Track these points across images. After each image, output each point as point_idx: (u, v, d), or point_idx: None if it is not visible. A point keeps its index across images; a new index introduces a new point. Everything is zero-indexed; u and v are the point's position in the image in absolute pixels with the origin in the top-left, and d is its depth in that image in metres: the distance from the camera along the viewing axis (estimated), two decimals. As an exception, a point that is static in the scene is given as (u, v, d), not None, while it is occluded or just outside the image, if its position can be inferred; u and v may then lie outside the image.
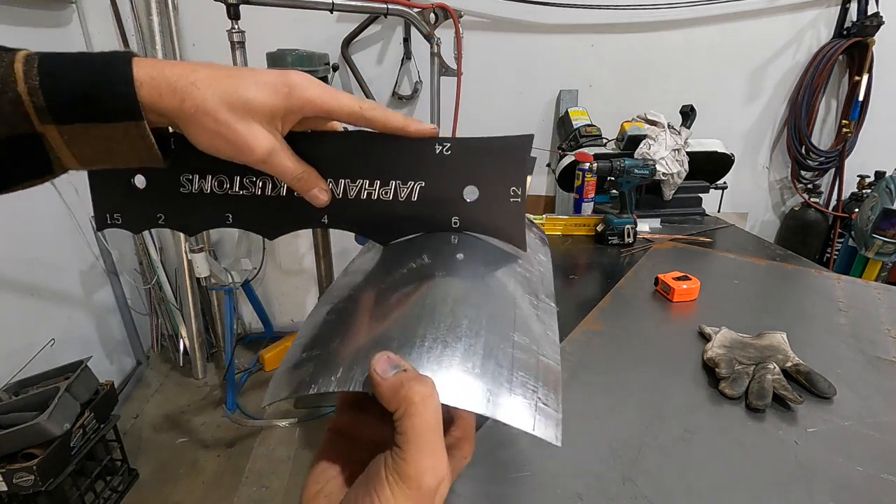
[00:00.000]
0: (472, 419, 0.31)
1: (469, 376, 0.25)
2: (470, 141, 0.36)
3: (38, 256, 1.74)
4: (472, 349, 0.27)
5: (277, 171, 0.34)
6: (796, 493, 0.53)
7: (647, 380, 0.73)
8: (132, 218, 0.40)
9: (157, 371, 2.29)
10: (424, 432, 0.22)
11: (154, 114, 0.30)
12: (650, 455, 0.58)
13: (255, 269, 2.07)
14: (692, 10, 2.02)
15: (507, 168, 0.36)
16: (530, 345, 0.30)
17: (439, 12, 1.66)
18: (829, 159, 2.23)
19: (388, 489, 0.22)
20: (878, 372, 0.74)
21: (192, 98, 0.29)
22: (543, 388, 0.28)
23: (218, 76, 0.30)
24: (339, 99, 0.33)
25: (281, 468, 1.73)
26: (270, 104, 0.31)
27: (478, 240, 0.38)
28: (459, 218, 0.38)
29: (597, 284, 1.08)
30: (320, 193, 0.36)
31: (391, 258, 0.38)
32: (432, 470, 0.22)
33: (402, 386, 0.23)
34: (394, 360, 0.24)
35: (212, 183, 0.38)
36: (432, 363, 0.26)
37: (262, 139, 0.32)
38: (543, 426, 0.26)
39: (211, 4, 1.40)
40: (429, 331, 0.27)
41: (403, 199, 0.37)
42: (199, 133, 0.31)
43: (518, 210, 0.37)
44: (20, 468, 1.26)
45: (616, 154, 1.51)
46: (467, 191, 0.37)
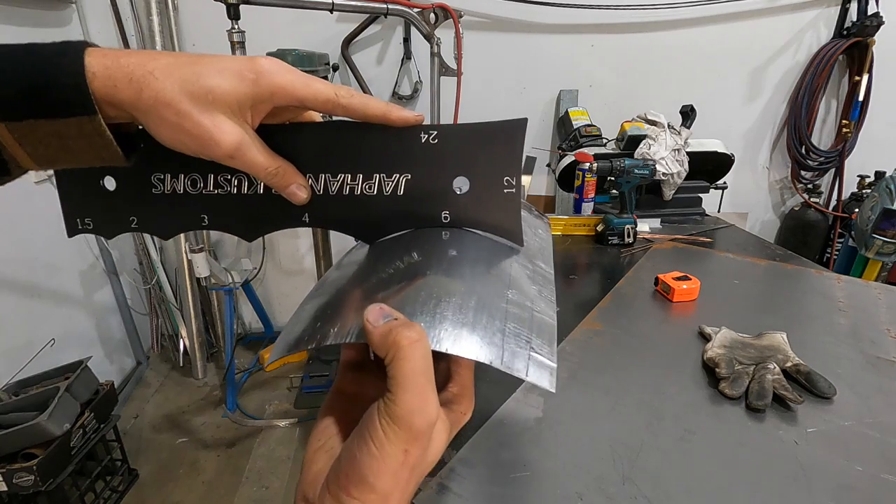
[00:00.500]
0: (470, 376, 0.31)
1: (461, 326, 0.26)
2: (458, 128, 0.33)
3: (38, 256, 1.74)
4: (465, 303, 0.27)
5: (248, 166, 0.31)
6: (796, 493, 0.53)
7: (647, 380, 0.73)
8: (104, 222, 0.38)
9: (157, 371, 2.29)
10: (412, 375, 0.23)
11: (111, 107, 0.28)
12: (650, 455, 0.58)
13: (255, 269, 2.07)
14: (692, 10, 2.02)
15: (498, 156, 0.33)
16: (524, 301, 0.30)
17: (439, 12, 1.66)
18: (829, 159, 2.23)
19: (381, 431, 0.23)
20: (878, 372, 0.74)
21: (150, 88, 0.27)
22: (537, 339, 0.28)
23: (178, 64, 0.28)
24: (312, 86, 0.31)
25: (281, 468, 1.73)
26: (236, 92, 0.29)
27: (471, 235, 0.35)
28: (450, 212, 0.35)
29: (597, 284, 1.08)
30: (298, 190, 0.34)
31: (378, 257, 0.35)
32: (421, 411, 0.23)
33: (390, 332, 0.24)
34: (386, 311, 0.25)
35: (185, 182, 0.36)
36: (426, 315, 0.26)
37: (228, 131, 0.29)
38: (537, 373, 0.26)
39: (211, 4, 1.40)
40: (423, 290, 0.28)
41: (389, 193, 0.35)
42: (159, 127, 0.29)
43: (513, 201, 0.34)
44: (20, 468, 1.26)
45: (616, 154, 1.51)
46: (457, 182, 0.34)
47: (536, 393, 0.69)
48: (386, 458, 0.23)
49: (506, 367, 0.26)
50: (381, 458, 0.23)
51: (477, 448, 0.59)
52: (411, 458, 0.24)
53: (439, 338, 0.25)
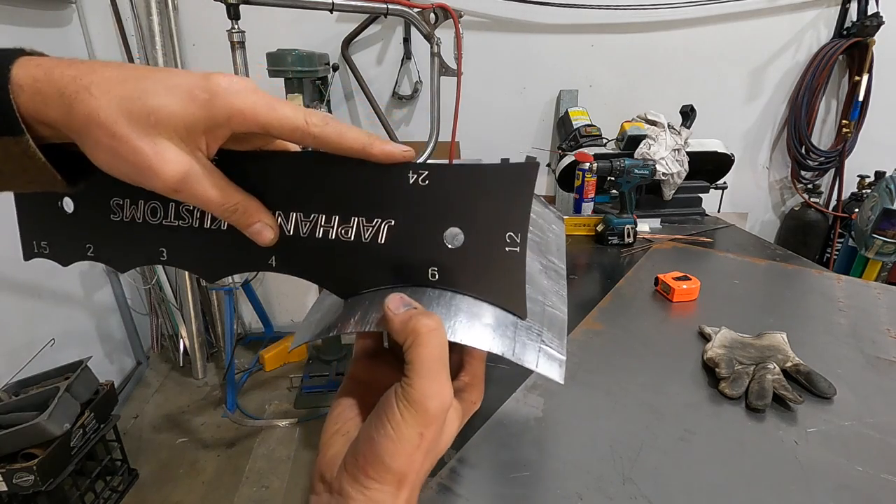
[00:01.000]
0: (482, 366, 0.32)
1: (475, 318, 0.27)
2: (453, 169, 0.27)
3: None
4: (480, 297, 0.28)
5: (198, 201, 0.27)
6: (796, 493, 0.53)
7: (647, 380, 0.73)
8: (60, 247, 0.35)
9: (157, 371, 2.29)
10: (429, 361, 0.24)
11: (43, 126, 0.24)
12: (650, 455, 0.58)
13: (255, 269, 2.06)
14: (692, 10, 2.02)
15: (502, 206, 0.27)
16: (536, 295, 0.31)
17: (439, 12, 1.66)
18: (829, 159, 2.23)
19: (398, 414, 0.24)
20: (878, 372, 0.74)
21: (83, 105, 0.24)
22: (548, 332, 0.29)
23: (121, 78, 0.24)
24: (277, 111, 0.26)
25: (281, 468, 1.73)
26: (184, 115, 0.25)
27: (462, 300, 0.29)
28: (439, 269, 0.29)
29: (597, 284, 1.08)
30: (263, 230, 0.29)
31: (357, 303, 0.30)
32: (437, 396, 0.24)
33: (410, 319, 0.25)
34: (406, 300, 0.26)
35: (144, 210, 0.32)
36: (442, 307, 0.27)
37: (172, 160, 0.25)
38: (547, 365, 0.27)
39: (211, 4, 1.40)
40: (435, 294, 0.29)
41: (368, 240, 0.29)
42: (94, 150, 0.25)
43: (515, 263, 0.28)
44: (20, 468, 1.26)
45: (616, 154, 1.51)
46: (449, 234, 0.28)
47: (536, 393, 0.69)
48: (402, 440, 0.24)
49: (517, 359, 0.26)
50: (398, 440, 0.24)
51: (477, 448, 0.59)
52: (426, 441, 0.25)
53: (454, 328, 0.26)
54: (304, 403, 2.01)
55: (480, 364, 0.32)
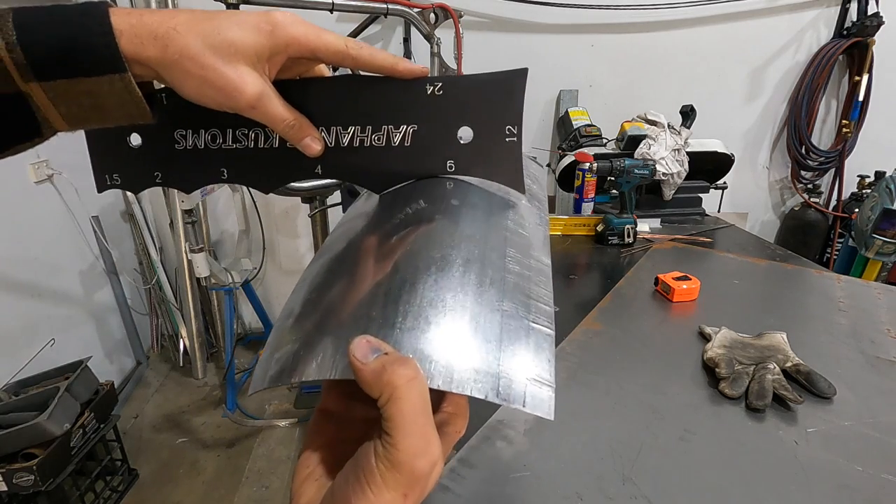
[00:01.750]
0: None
1: (455, 355, 0.24)
2: (461, 79, 0.34)
3: (38, 256, 1.74)
4: (457, 325, 0.25)
5: (269, 117, 0.32)
6: (796, 493, 0.53)
7: (647, 380, 0.72)
8: (130, 177, 0.39)
9: (157, 371, 2.29)
10: (412, 416, 0.21)
11: (137, 65, 0.28)
12: (650, 455, 0.58)
13: (255, 269, 2.07)
14: (692, 10, 2.02)
15: (500, 106, 0.34)
16: (519, 312, 0.28)
17: (439, 12, 1.66)
18: (829, 159, 2.23)
19: (379, 477, 0.21)
20: (878, 372, 0.74)
21: (175, 43, 0.28)
22: (535, 359, 0.26)
23: (198, 19, 0.29)
24: (324, 37, 0.32)
25: (281, 468, 1.73)
26: (255, 44, 0.30)
27: (473, 186, 0.37)
28: (455, 161, 0.36)
29: (597, 284, 1.08)
30: (313, 143, 0.35)
31: (384, 207, 0.37)
32: (424, 454, 0.22)
33: (384, 370, 0.21)
34: (374, 344, 0.23)
35: (205, 138, 0.37)
36: (414, 342, 0.24)
37: (251, 82, 0.30)
38: (534, 402, 0.24)
39: (211, 4, 1.40)
40: (410, 307, 0.26)
41: (396, 144, 0.36)
42: (185, 81, 0.29)
43: (514, 149, 0.35)
44: (20, 468, 1.26)
45: (616, 154, 1.51)
46: (461, 132, 0.36)
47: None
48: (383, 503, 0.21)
49: (502, 401, 0.24)
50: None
51: (477, 448, 0.59)
52: (411, 501, 0.22)
53: (431, 374, 0.23)
54: (304, 403, 2.01)
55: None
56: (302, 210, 2.22)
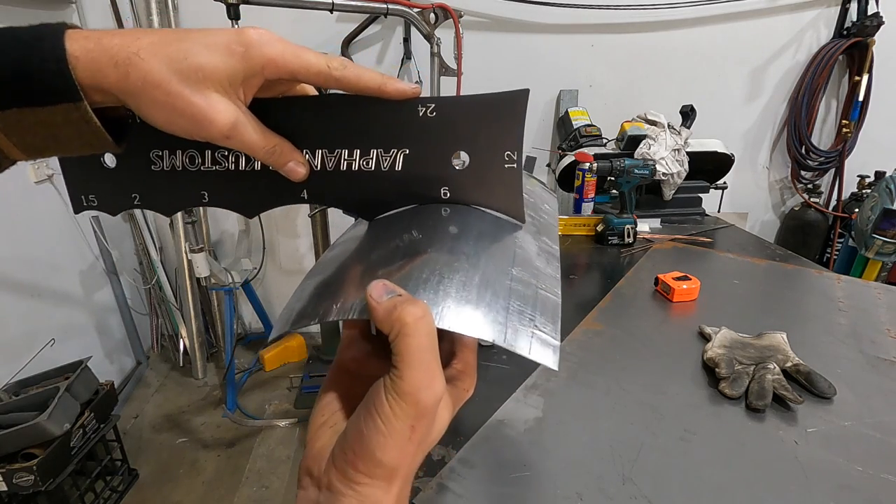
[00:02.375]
0: (473, 353, 0.31)
1: (464, 303, 0.26)
2: (456, 100, 0.32)
3: (38, 256, 1.74)
4: (469, 280, 0.27)
5: (244, 145, 0.30)
6: (796, 493, 0.53)
7: (647, 380, 0.73)
8: (107, 199, 0.38)
9: (157, 371, 2.29)
10: (418, 351, 0.23)
11: (97, 92, 0.26)
12: (650, 455, 0.58)
13: (255, 269, 2.07)
14: (692, 10, 2.02)
15: (499, 129, 0.32)
16: (529, 278, 0.30)
17: (439, 12, 1.66)
18: (829, 159, 2.23)
19: (388, 407, 0.23)
20: (878, 372, 0.74)
21: (137, 70, 0.26)
22: (541, 317, 0.28)
23: (165, 42, 0.27)
24: (303, 57, 0.29)
25: (281, 468, 1.73)
26: (226, 68, 0.28)
27: (471, 211, 0.34)
28: (449, 188, 0.34)
29: (597, 284, 1.08)
30: (297, 167, 0.33)
31: (378, 235, 0.34)
32: (429, 387, 0.23)
33: (395, 308, 0.23)
34: (389, 287, 0.25)
35: (183, 159, 0.35)
36: (428, 292, 0.26)
37: (223, 110, 0.28)
38: (540, 351, 0.26)
39: (211, 4, 1.40)
40: (426, 266, 0.28)
41: (387, 169, 0.34)
42: (151, 109, 0.27)
43: (514, 177, 0.33)
44: (20, 468, 1.26)
45: (616, 154, 1.51)
46: (457, 157, 0.33)
47: (536, 393, 0.69)
48: (393, 433, 0.23)
49: (508, 346, 0.25)
50: (388, 434, 0.23)
51: (477, 448, 0.59)
52: (417, 434, 0.24)
53: (442, 315, 0.25)
54: (304, 403, 2.01)
55: (472, 351, 0.31)
56: (302, 210, 2.22)
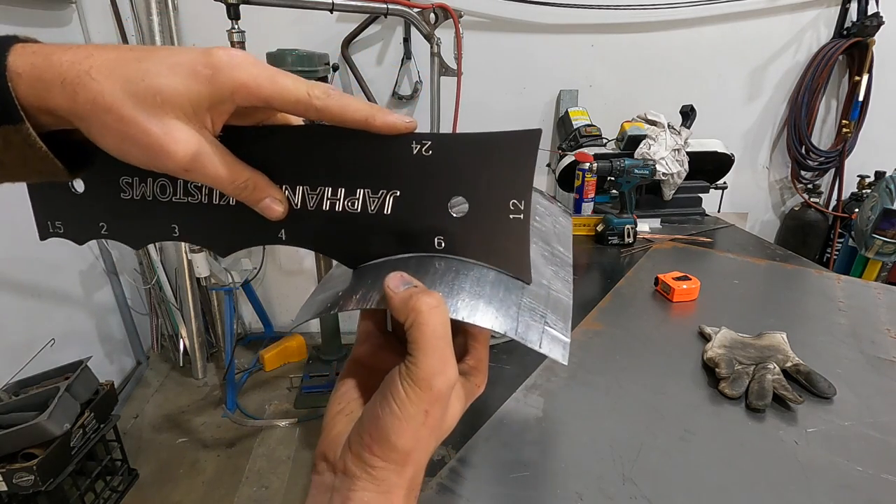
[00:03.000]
0: (486, 350, 0.32)
1: (477, 298, 0.27)
2: (456, 138, 0.28)
3: (38, 256, 1.74)
4: (483, 277, 0.28)
5: (209, 179, 0.27)
6: (796, 493, 0.53)
7: (647, 380, 0.73)
8: (74, 226, 0.35)
9: (157, 371, 2.29)
10: (433, 339, 0.24)
11: (44, 114, 0.24)
12: (650, 455, 0.58)
13: (255, 269, 2.07)
14: (692, 9, 2.02)
15: (505, 174, 0.27)
16: (541, 280, 0.31)
17: (439, 12, 1.66)
18: (829, 159, 2.23)
19: (403, 392, 0.24)
20: (878, 372, 0.74)
21: (87, 90, 0.23)
22: (552, 315, 0.29)
23: (121, 60, 0.24)
24: (280, 83, 0.25)
25: (281, 468, 1.73)
26: (187, 92, 0.24)
27: (468, 267, 0.30)
28: (444, 238, 0.30)
29: (597, 284, 1.08)
30: (273, 204, 0.29)
31: (356, 286, 0.31)
32: (442, 373, 0.24)
33: (410, 297, 0.25)
34: (406, 278, 0.26)
35: (153, 188, 0.32)
36: (444, 286, 0.27)
37: (182, 139, 0.25)
38: (550, 345, 0.27)
39: (211, 4, 1.40)
40: (441, 263, 0.29)
41: (374, 211, 0.30)
42: (103, 136, 0.24)
43: (519, 229, 0.28)
44: (20, 468, 1.26)
45: (616, 154, 1.51)
46: (454, 203, 0.29)
47: (536, 393, 0.69)
48: (408, 417, 0.24)
49: (520, 338, 0.26)
50: (404, 418, 0.24)
51: (477, 448, 0.59)
52: (431, 419, 0.25)
53: (456, 307, 0.26)
54: (304, 403, 2.01)
55: (484, 348, 0.32)
56: (302, 210, 2.22)
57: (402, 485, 0.25)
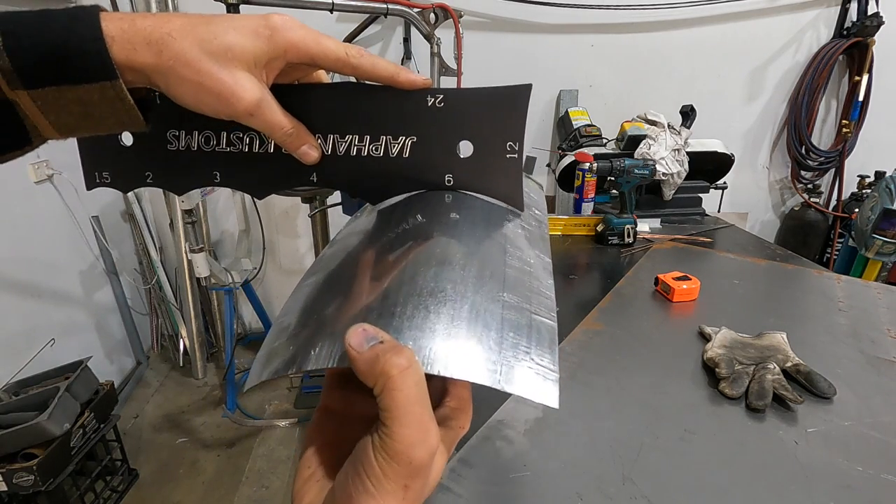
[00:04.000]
0: (468, 388, 0.29)
1: (453, 341, 0.24)
2: (463, 92, 0.34)
3: (38, 256, 1.74)
4: (457, 313, 0.25)
5: (267, 125, 0.32)
6: (796, 493, 0.53)
7: (647, 380, 0.72)
8: (121, 176, 0.39)
9: (157, 371, 2.29)
10: (407, 406, 0.21)
11: (130, 71, 0.27)
12: (650, 455, 0.58)
13: (255, 269, 2.07)
14: (692, 10, 2.02)
15: (502, 121, 0.34)
16: (521, 304, 0.28)
17: (439, 12, 1.66)
18: (829, 159, 2.23)
19: (378, 468, 0.21)
20: (878, 372, 0.74)
21: (170, 49, 0.27)
22: (537, 348, 0.26)
23: (194, 23, 0.28)
24: (323, 44, 0.31)
25: (281, 468, 1.73)
26: (253, 49, 0.29)
27: (473, 199, 0.36)
28: (453, 175, 0.36)
29: (597, 284, 1.08)
30: (310, 150, 0.34)
31: (382, 220, 0.36)
32: (422, 443, 0.21)
33: (377, 359, 0.21)
34: (370, 333, 0.22)
35: (198, 139, 0.36)
36: (414, 331, 0.24)
37: (249, 87, 0.29)
38: (538, 388, 0.24)
39: (211, 4, 1.40)
40: (410, 298, 0.25)
41: (395, 155, 0.35)
42: (180, 87, 0.29)
43: (515, 166, 0.35)
44: (20, 468, 1.26)
45: (616, 154, 1.51)
46: (461, 146, 0.35)
47: (536, 393, 0.69)
48: (385, 495, 0.21)
49: (502, 388, 0.23)
50: (380, 497, 0.21)
51: (477, 448, 0.59)
52: (412, 492, 0.22)
53: (430, 359, 0.23)
54: (304, 403, 2.01)
55: (466, 385, 0.28)
56: (302, 210, 2.22)
57: None
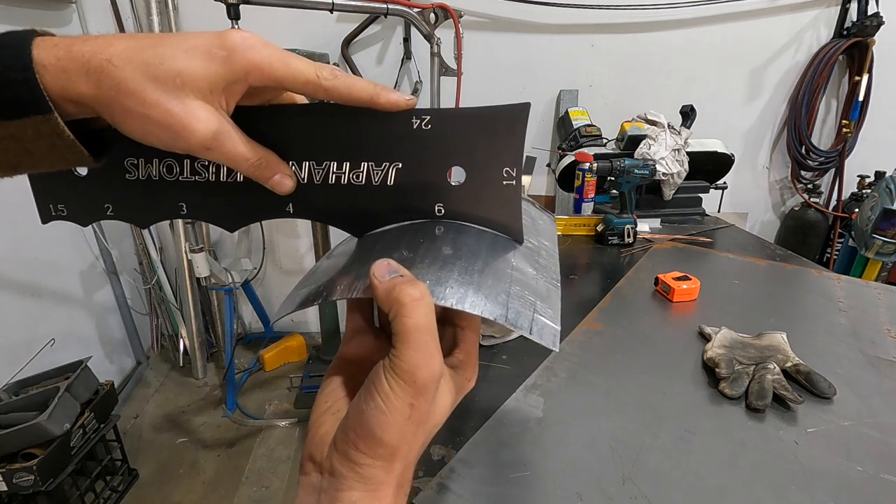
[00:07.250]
0: (475, 344, 0.31)
1: (466, 285, 0.26)
2: (453, 113, 0.30)
3: (38, 256, 1.74)
4: (471, 266, 0.28)
5: (227, 158, 0.28)
6: (796, 493, 0.53)
7: (647, 380, 0.72)
8: (78, 209, 0.35)
9: (157, 371, 2.29)
10: (415, 331, 0.23)
11: (69, 103, 0.25)
12: (650, 455, 0.58)
13: (255, 269, 2.07)
14: (692, 9, 2.02)
15: (498, 144, 0.30)
16: (529, 269, 0.31)
17: (439, 12, 1.66)
18: (829, 159, 2.23)
19: (387, 385, 0.24)
20: (878, 372, 0.74)
21: (111, 78, 0.24)
22: (542, 303, 0.28)
23: (139, 47, 0.25)
24: (291, 65, 0.27)
25: (281, 468, 1.73)
26: (206, 73, 0.26)
27: (468, 229, 0.33)
28: (444, 205, 0.32)
29: (597, 284, 1.08)
30: (284, 180, 0.31)
31: (367, 250, 0.32)
32: (426, 366, 0.24)
33: (394, 288, 0.24)
34: (393, 266, 0.25)
35: (160, 168, 0.33)
36: (431, 275, 0.26)
37: (204, 118, 0.26)
38: (540, 332, 0.27)
39: (211, 4, 1.40)
40: (429, 254, 0.29)
41: (378, 183, 0.32)
42: (126, 120, 0.26)
43: (512, 194, 0.31)
44: (20, 468, 1.26)
45: (616, 154, 1.51)
46: (452, 172, 0.32)
47: (536, 393, 0.69)
48: (392, 411, 0.23)
49: (510, 324, 0.26)
50: (388, 412, 0.23)
51: (477, 448, 0.59)
52: (417, 413, 0.24)
53: (444, 295, 0.25)
54: (304, 403, 2.01)
55: (474, 342, 0.31)
56: (302, 210, 2.22)
57: (390, 482, 0.25)
